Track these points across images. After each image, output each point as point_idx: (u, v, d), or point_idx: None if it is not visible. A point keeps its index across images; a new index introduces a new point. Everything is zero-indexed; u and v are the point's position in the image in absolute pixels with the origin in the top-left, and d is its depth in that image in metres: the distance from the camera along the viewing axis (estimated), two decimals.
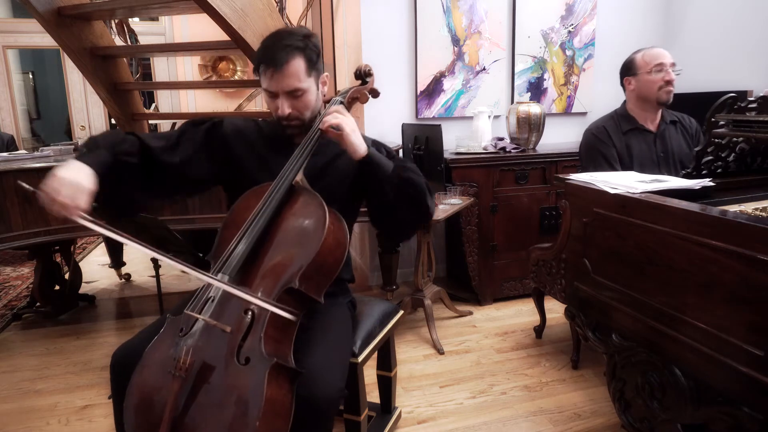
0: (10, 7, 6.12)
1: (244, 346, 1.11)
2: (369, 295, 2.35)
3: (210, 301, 1.18)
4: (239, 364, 1.08)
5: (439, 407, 2.01)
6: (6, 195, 2.31)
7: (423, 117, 3.25)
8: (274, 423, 1.05)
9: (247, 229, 1.23)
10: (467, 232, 2.87)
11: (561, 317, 2.57)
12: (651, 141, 2.18)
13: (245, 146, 1.46)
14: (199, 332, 1.14)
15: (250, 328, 1.13)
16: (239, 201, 1.36)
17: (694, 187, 1.45)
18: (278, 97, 1.34)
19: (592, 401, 2.02)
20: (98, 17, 2.94)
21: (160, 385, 1.09)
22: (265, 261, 1.23)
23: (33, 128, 6.78)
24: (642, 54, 2.14)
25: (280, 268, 1.22)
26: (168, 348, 1.14)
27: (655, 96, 2.11)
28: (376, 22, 3.08)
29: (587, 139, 2.27)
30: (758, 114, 1.42)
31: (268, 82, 1.33)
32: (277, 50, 1.31)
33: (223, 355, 1.10)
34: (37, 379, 2.28)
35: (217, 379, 1.07)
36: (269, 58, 1.31)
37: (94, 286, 3.49)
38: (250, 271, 1.22)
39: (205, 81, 6.01)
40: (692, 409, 1.27)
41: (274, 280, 1.20)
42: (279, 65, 1.30)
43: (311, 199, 1.30)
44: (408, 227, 1.45)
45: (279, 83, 1.32)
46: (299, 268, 1.19)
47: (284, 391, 1.09)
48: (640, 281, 1.41)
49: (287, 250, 1.24)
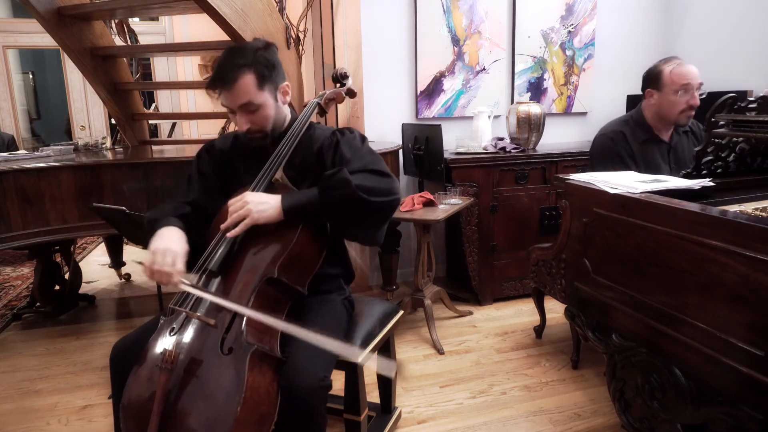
0: (10, 7, 6.12)
1: (227, 337, 1.16)
2: (369, 295, 2.35)
3: (195, 299, 1.24)
4: (223, 354, 1.13)
5: (439, 407, 2.01)
6: (6, 195, 2.31)
7: (423, 117, 3.25)
8: (257, 410, 1.09)
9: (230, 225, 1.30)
10: (467, 232, 2.87)
11: (561, 317, 2.57)
12: (665, 152, 2.14)
13: (236, 156, 1.53)
14: (186, 326, 1.21)
15: (233, 321, 1.19)
16: (224, 204, 1.39)
17: (694, 187, 1.45)
18: (235, 113, 1.39)
19: (592, 401, 2.02)
20: (98, 17, 2.95)
21: (151, 380, 1.14)
22: (246, 254, 1.31)
23: (33, 128, 6.78)
24: (671, 69, 2.02)
25: (259, 260, 1.29)
26: (159, 346, 1.20)
27: (675, 118, 2.05)
28: (376, 22, 3.08)
29: (602, 142, 2.19)
30: (758, 114, 1.42)
31: (223, 100, 1.38)
32: (226, 70, 1.34)
33: (208, 348, 1.15)
34: (37, 379, 2.28)
35: (203, 371, 1.12)
36: (219, 77, 1.35)
37: (94, 286, 3.49)
38: (233, 264, 1.29)
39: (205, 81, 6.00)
40: (692, 409, 1.27)
41: (254, 271, 1.27)
42: (228, 84, 1.34)
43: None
44: (372, 230, 1.40)
45: (230, 101, 1.37)
46: (277, 259, 1.27)
47: (268, 380, 1.13)
48: (640, 281, 1.41)
49: (266, 242, 1.31)
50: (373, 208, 1.30)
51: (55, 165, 2.40)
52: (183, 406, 1.09)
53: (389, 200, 1.31)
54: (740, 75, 3.10)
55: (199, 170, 1.55)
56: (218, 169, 1.54)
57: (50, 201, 2.38)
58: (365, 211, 1.30)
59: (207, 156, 1.56)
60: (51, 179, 2.37)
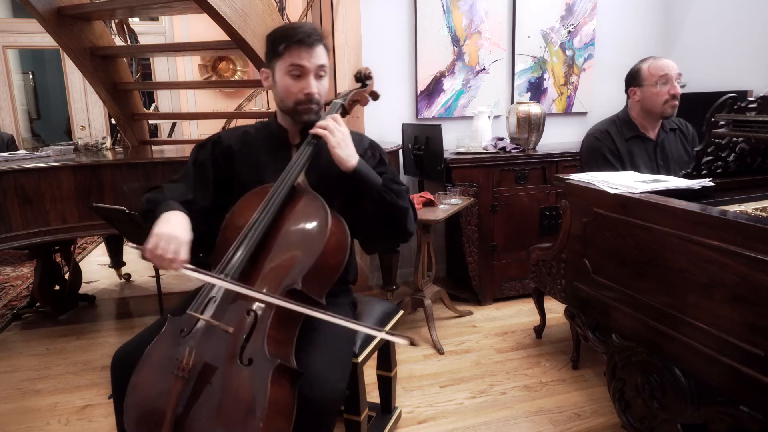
0: (10, 7, 6.12)
1: (246, 347, 1.10)
2: (369, 295, 2.35)
3: (212, 302, 1.18)
4: (242, 365, 1.07)
5: (439, 407, 2.01)
6: (6, 195, 2.31)
7: (423, 117, 3.25)
8: (277, 424, 1.04)
9: (248, 231, 1.23)
10: (467, 232, 2.87)
11: (561, 317, 2.57)
12: (651, 149, 2.18)
13: (245, 153, 1.48)
14: (201, 333, 1.13)
15: (252, 329, 1.13)
16: (241, 201, 1.36)
17: (694, 187, 1.45)
18: (306, 76, 1.36)
19: (592, 401, 2.02)
20: (98, 17, 2.95)
21: (162, 385, 1.08)
22: (266, 263, 1.23)
23: (33, 128, 6.77)
24: (648, 65, 2.12)
25: (282, 270, 1.22)
26: (169, 348, 1.14)
27: (659, 110, 2.10)
28: (376, 22, 3.08)
29: (589, 141, 2.26)
30: (758, 114, 1.42)
31: (299, 59, 1.34)
32: (312, 32, 1.34)
33: (225, 356, 1.09)
34: (37, 379, 2.28)
35: (219, 380, 1.07)
36: (303, 35, 1.33)
37: (94, 286, 3.49)
38: (251, 273, 1.22)
39: (205, 81, 6.01)
40: (692, 409, 1.27)
41: (276, 281, 1.20)
42: (312, 43, 1.33)
43: (313, 200, 1.30)
44: (379, 244, 1.48)
45: (311, 60, 1.34)
46: (302, 270, 1.20)
47: (287, 393, 1.08)
48: (640, 281, 1.41)
49: (289, 252, 1.24)
50: (401, 229, 1.42)
51: (55, 165, 2.40)
52: (198, 417, 1.04)
53: (411, 234, 1.45)
54: (740, 75, 3.10)
55: (198, 161, 1.48)
56: (220, 164, 1.47)
57: (50, 201, 2.38)
58: (395, 226, 1.40)
59: (212, 149, 1.49)
60: (51, 179, 2.37)
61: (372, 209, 1.37)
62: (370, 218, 1.38)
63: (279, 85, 1.39)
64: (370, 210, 1.37)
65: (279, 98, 1.41)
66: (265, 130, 1.51)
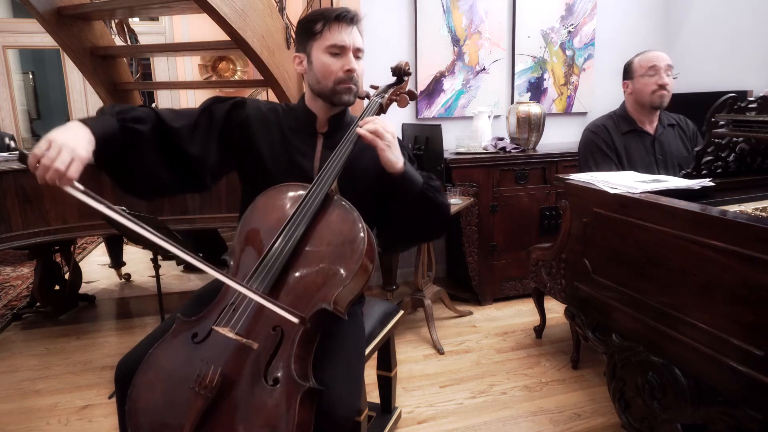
0: (10, 7, 6.12)
1: (272, 365, 1.04)
2: (369, 295, 2.34)
3: (233, 310, 1.11)
4: (267, 384, 1.02)
5: (439, 407, 2.01)
6: (6, 195, 2.31)
7: (423, 117, 3.25)
8: None
9: (279, 237, 1.15)
10: (467, 232, 2.87)
11: (561, 317, 2.57)
12: (649, 144, 2.19)
13: (266, 132, 1.38)
14: (221, 344, 1.07)
15: (278, 347, 1.06)
16: (261, 199, 1.27)
17: (694, 187, 1.45)
18: (345, 54, 1.30)
19: (592, 401, 2.02)
20: (98, 17, 2.94)
21: (175, 396, 1.02)
22: (296, 276, 1.14)
23: (33, 128, 6.77)
24: (639, 58, 2.16)
25: (314, 288, 1.13)
26: (181, 354, 1.08)
27: (648, 100, 2.13)
28: (376, 22, 3.08)
29: (586, 137, 2.28)
30: (758, 114, 1.42)
31: (339, 35, 1.29)
32: (346, 8, 1.31)
33: (249, 374, 1.03)
34: (37, 379, 2.27)
35: (242, 398, 1.01)
36: (342, 11, 1.29)
37: (94, 286, 3.49)
38: (278, 286, 1.13)
39: (205, 81, 6.01)
40: (692, 409, 1.27)
41: (306, 299, 1.12)
42: (352, 19, 1.31)
43: (348, 213, 1.21)
44: (412, 243, 1.44)
45: (350, 39, 1.30)
46: (335, 291, 1.11)
47: (310, 412, 1.04)
48: (640, 281, 1.41)
49: (323, 269, 1.15)
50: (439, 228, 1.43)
51: None
52: None
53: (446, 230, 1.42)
54: (740, 75, 3.10)
55: (209, 111, 1.35)
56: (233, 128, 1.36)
57: (50, 201, 2.38)
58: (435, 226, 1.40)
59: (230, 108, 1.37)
60: None
61: (415, 211, 1.31)
62: (407, 219, 1.33)
63: (316, 65, 1.32)
64: (413, 211, 1.31)
65: (315, 80, 1.33)
66: (292, 113, 1.43)
